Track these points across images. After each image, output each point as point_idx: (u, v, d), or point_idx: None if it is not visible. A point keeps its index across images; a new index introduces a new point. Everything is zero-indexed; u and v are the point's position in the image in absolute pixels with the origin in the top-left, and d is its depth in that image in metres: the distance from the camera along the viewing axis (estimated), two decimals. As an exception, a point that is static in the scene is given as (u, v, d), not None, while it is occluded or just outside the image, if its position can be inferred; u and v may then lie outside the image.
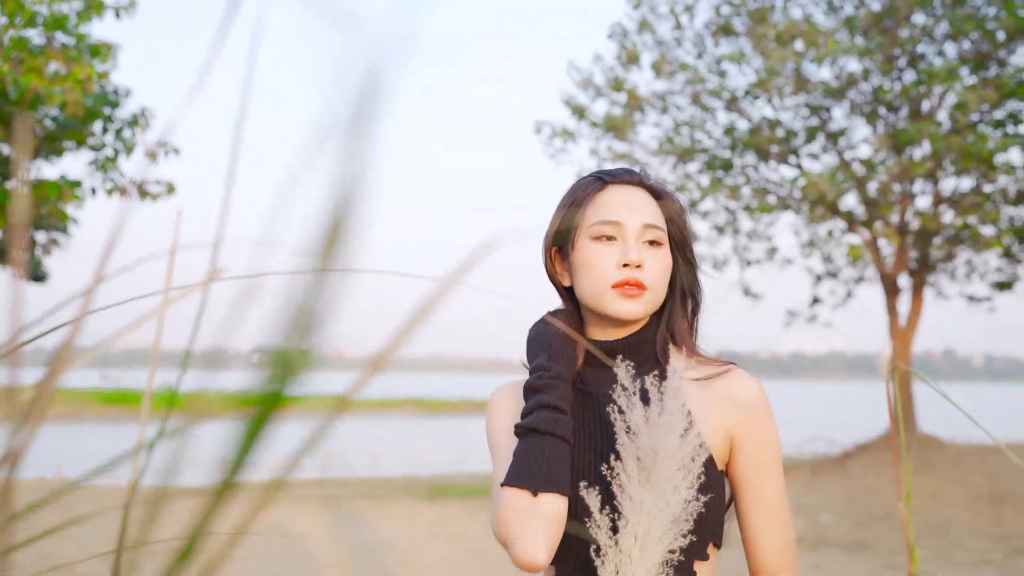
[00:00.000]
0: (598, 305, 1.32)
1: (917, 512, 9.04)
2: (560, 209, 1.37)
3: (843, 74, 12.97)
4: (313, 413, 0.43)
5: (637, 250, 1.30)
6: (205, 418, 0.45)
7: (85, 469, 11.50)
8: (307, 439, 0.42)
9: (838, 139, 13.67)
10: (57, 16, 9.49)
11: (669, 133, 13.54)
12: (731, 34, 13.30)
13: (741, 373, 1.35)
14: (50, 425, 23.20)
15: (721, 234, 14.39)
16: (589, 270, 1.31)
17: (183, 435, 0.45)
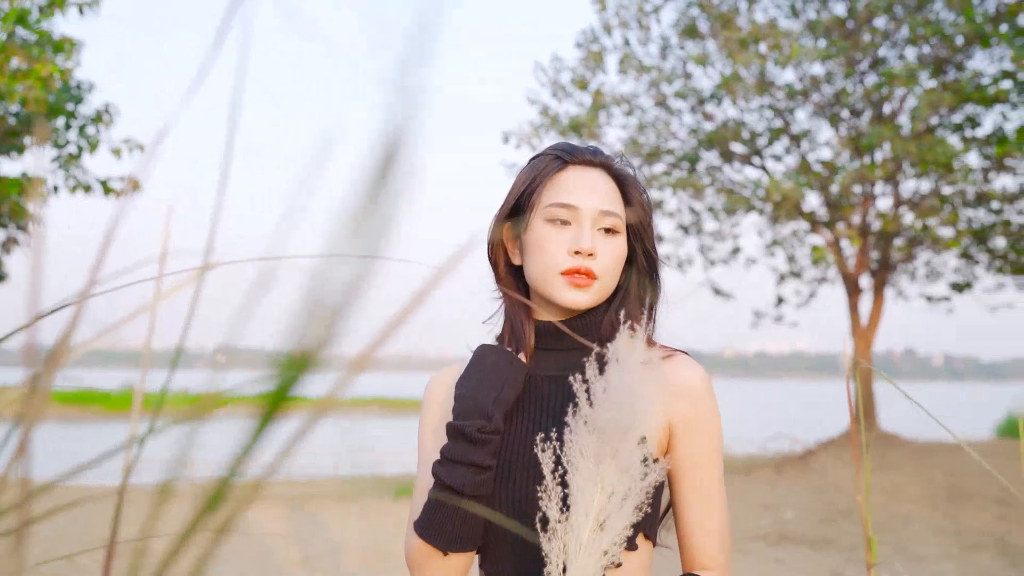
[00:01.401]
0: (545, 290, 1.28)
1: (877, 508, 9.19)
2: (517, 185, 1.32)
3: (806, 76, 13.15)
4: (295, 414, 0.45)
5: (591, 237, 1.25)
6: (196, 418, 0.47)
7: (54, 470, 11.36)
8: (289, 440, 0.44)
9: (801, 141, 13.85)
10: (19, 11, 9.36)
11: (634, 134, 13.64)
12: (696, 36, 13.42)
13: (685, 359, 1.30)
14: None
15: (686, 234, 14.52)
16: (540, 253, 1.27)
17: (171, 434, 0.47)
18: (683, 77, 13.62)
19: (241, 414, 0.45)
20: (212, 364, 0.48)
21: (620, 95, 13.61)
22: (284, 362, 0.41)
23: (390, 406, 40.61)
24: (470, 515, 1.21)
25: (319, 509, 9.25)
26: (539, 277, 1.28)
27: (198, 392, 0.45)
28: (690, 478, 1.27)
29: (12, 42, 9.33)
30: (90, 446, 19.52)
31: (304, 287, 0.42)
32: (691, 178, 13.35)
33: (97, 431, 25.35)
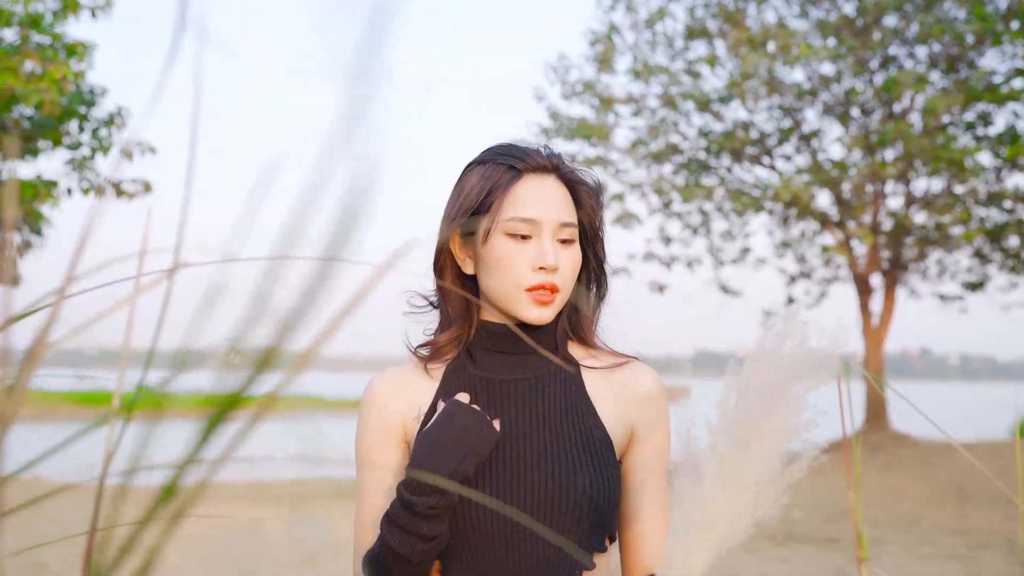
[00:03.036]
0: (508, 306, 1.27)
1: (885, 507, 9.19)
2: (469, 193, 1.28)
3: (815, 76, 13.14)
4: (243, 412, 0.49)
5: (553, 252, 1.25)
6: (165, 417, 0.50)
7: (63, 469, 11.47)
8: (235, 437, 0.47)
9: (811, 140, 13.83)
10: (32, 15, 9.48)
11: (643, 135, 13.65)
12: (705, 36, 13.42)
13: (641, 366, 1.34)
14: (25, 425, 23.09)
15: (695, 235, 14.52)
16: (502, 269, 1.25)
17: (147, 433, 0.50)
18: (691, 77, 13.63)
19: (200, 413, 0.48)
20: (224, 364, 0.50)
21: (628, 95, 13.63)
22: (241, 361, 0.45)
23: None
24: (424, 570, 1.19)
25: (318, 508, 9.32)
26: (501, 292, 1.26)
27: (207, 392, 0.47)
28: (645, 483, 1.30)
29: (27, 46, 9.44)
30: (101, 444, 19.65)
31: (255, 288, 0.46)
32: (699, 183, 13.35)
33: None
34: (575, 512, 1.23)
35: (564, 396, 1.30)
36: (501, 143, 1.34)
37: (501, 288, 1.26)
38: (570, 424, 1.28)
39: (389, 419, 1.30)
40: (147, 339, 0.59)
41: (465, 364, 1.31)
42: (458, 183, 1.32)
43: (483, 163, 1.31)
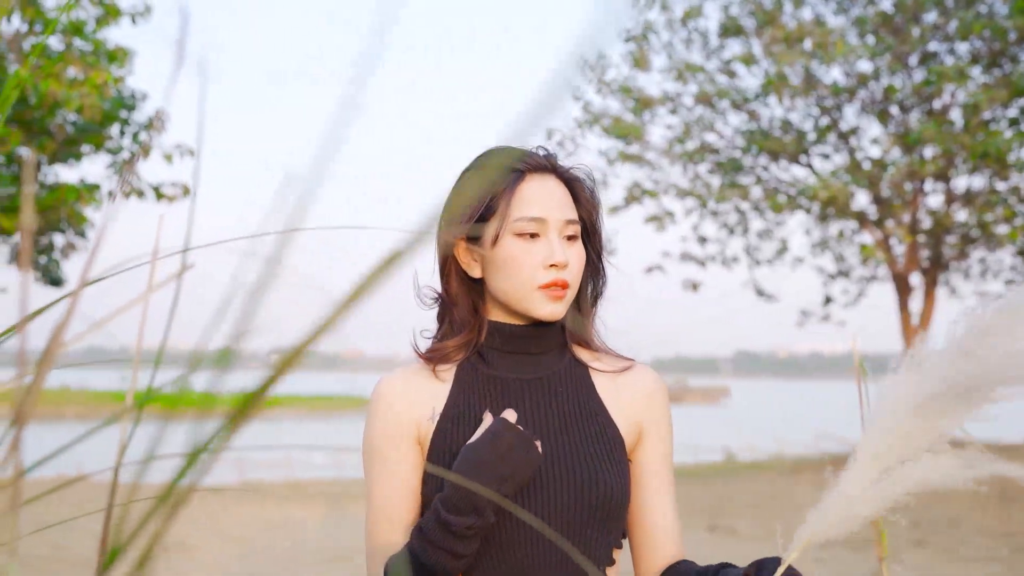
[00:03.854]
0: (521, 305, 1.29)
1: (924, 509, 9.08)
2: (469, 197, 1.30)
3: (853, 73, 13.00)
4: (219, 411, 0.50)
5: (562, 249, 1.28)
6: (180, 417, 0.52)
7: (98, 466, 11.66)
8: (218, 436, 0.49)
9: (849, 138, 13.69)
10: (75, 22, 9.67)
11: (679, 134, 13.59)
12: (740, 35, 13.34)
13: (646, 367, 1.39)
14: (70, 424, 23.52)
15: (731, 234, 14.43)
16: (514, 269, 1.27)
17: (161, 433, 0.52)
18: (727, 75, 13.55)
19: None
20: (264, 364, 0.51)
21: (663, 94, 13.58)
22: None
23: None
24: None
25: (354, 507, 9.39)
26: (513, 292, 1.28)
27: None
28: (658, 479, 1.35)
29: (70, 52, 9.64)
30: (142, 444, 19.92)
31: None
32: (735, 183, 13.27)
33: (147, 429, 25.83)
34: (598, 510, 1.25)
35: (576, 395, 1.33)
36: (494, 147, 1.36)
37: (513, 288, 1.28)
38: (585, 423, 1.31)
39: (401, 419, 1.30)
40: (188, 338, 0.61)
41: (477, 364, 1.32)
42: (456, 190, 1.33)
43: (481, 168, 1.33)
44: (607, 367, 1.37)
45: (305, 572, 6.45)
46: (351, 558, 6.77)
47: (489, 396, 1.30)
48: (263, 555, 6.97)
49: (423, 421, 1.30)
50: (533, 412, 1.30)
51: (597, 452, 1.29)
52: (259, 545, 7.36)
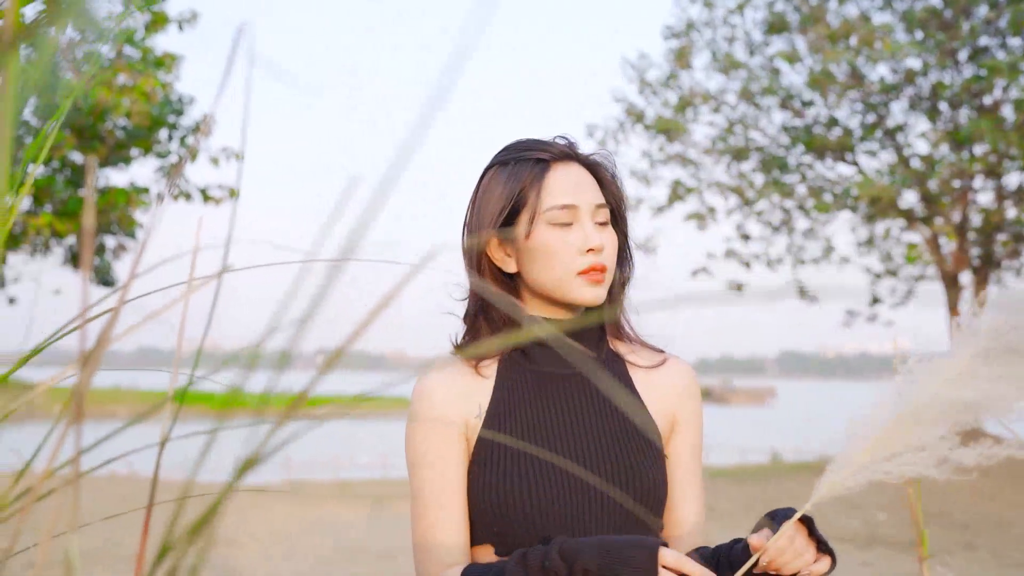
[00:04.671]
0: (561, 292, 1.29)
1: (971, 511, 8.92)
2: (502, 194, 1.30)
3: (900, 69, 12.80)
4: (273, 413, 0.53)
5: (596, 234, 1.29)
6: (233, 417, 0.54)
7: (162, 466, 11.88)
8: (266, 438, 0.51)
9: (896, 135, 13.49)
10: (125, 30, 9.88)
11: (722, 132, 13.50)
12: (785, 31, 13.21)
13: (679, 360, 1.40)
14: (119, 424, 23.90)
15: (775, 232, 14.29)
16: (551, 258, 1.27)
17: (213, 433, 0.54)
18: (770, 73, 13.43)
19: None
20: (313, 365, 0.53)
21: (707, 92, 13.50)
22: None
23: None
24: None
25: (400, 507, 9.47)
26: (552, 281, 1.28)
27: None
28: (687, 471, 1.37)
29: (120, 59, 9.85)
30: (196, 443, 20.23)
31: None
32: (778, 181, 13.14)
33: (198, 428, 26.22)
34: (646, 505, 1.28)
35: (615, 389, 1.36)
36: (513, 141, 1.36)
37: (552, 277, 1.28)
38: (625, 418, 1.32)
39: (448, 416, 1.29)
40: (237, 338, 0.63)
41: (519, 360, 1.33)
42: (482, 188, 1.34)
43: (504, 163, 1.33)
44: (643, 361, 1.38)
45: (349, 571, 6.52)
46: (395, 557, 6.84)
47: (533, 392, 1.31)
48: (308, 554, 7.06)
49: (470, 418, 1.30)
50: (575, 407, 1.31)
51: (638, 447, 1.30)
52: (304, 544, 7.46)
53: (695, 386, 1.40)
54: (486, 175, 1.35)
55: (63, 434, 0.56)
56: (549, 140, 1.34)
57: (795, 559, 1.16)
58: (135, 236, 11.21)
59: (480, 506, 1.26)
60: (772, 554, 1.14)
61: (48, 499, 0.63)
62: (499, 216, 1.30)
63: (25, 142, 9.93)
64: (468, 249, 1.34)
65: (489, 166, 1.35)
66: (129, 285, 0.60)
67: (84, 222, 0.59)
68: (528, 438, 1.28)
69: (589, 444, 1.29)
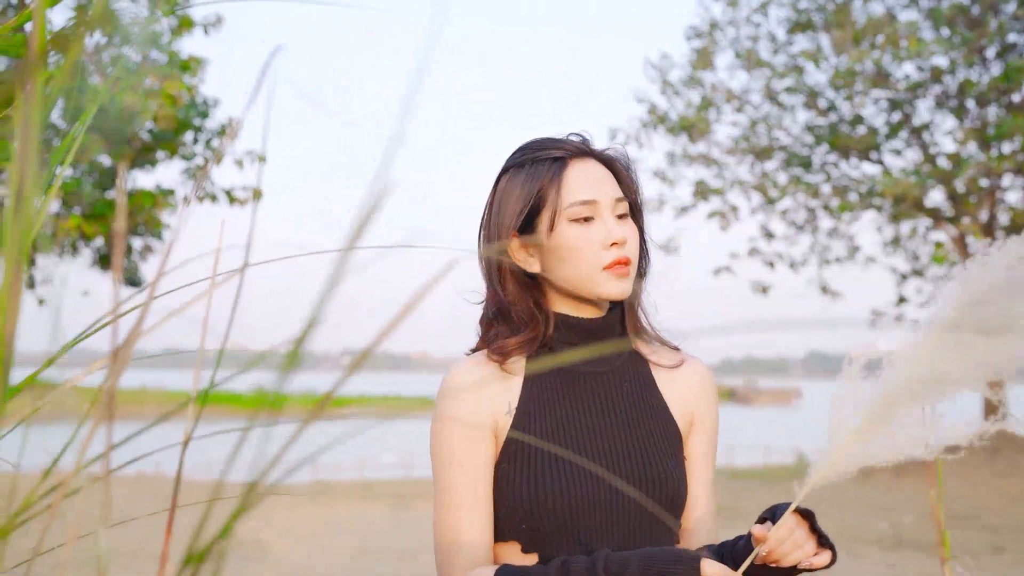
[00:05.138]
0: (588, 288, 1.29)
1: (1002, 514, 8.82)
2: (520, 195, 1.30)
3: (927, 66, 12.68)
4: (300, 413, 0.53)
5: (619, 227, 1.29)
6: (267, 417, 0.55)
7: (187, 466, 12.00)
8: (292, 439, 0.52)
9: (922, 134, 13.36)
10: (151, 34, 9.99)
11: (745, 131, 13.43)
12: (809, 30, 13.12)
13: (698, 361, 1.41)
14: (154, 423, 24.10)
15: (799, 232, 14.19)
16: (575, 255, 1.28)
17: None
18: (794, 72, 13.34)
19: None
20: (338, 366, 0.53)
21: (730, 91, 13.44)
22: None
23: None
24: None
25: (422, 506, 9.49)
26: (578, 278, 1.28)
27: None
28: (701, 469, 1.37)
29: (146, 63, 9.96)
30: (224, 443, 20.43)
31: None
32: (801, 180, 13.06)
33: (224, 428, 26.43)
34: (665, 504, 1.28)
35: (639, 389, 1.35)
36: (526, 143, 1.35)
37: (577, 273, 1.28)
38: (650, 417, 1.33)
39: (478, 412, 1.29)
40: (262, 338, 0.64)
41: (547, 357, 1.32)
42: (499, 192, 1.34)
43: (520, 165, 1.33)
44: (663, 360, 1.38)
45: (372, 570, 6.55)
46: (417, 557, 6.86)
47: (561, 390, 1.31)
48: (332, 553, 7.10)
49: (500, 416, 1.29)
50: (603, 406, 1.32)
51: (662, 447, 1.31)
52: (328, 543, 7.50)
53: (712, 387, 1.41)
54: (501, 179, 1.35)
55: (91, 432, 0.57)
56: (563, 138, 1.34)
57: (795, 550, 1.15)
58: (162, 237, 11.31)
59: (509, 503, 1.25)
60: (772, 544, 1.13)
61: (76, 497, 0.64)
62: (519, 217, 1.30)
63: (54, 145, 10.04)
64: (487, 252, 1.34)
65: (504, 170, 1.35)
66: (156, 284, 0.62)
67: (115, 225, 0.60)
68: (557, 436, 1.28)
69: (617, 443, 1.29)
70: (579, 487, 1.25)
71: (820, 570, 1.20)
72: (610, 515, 1.25)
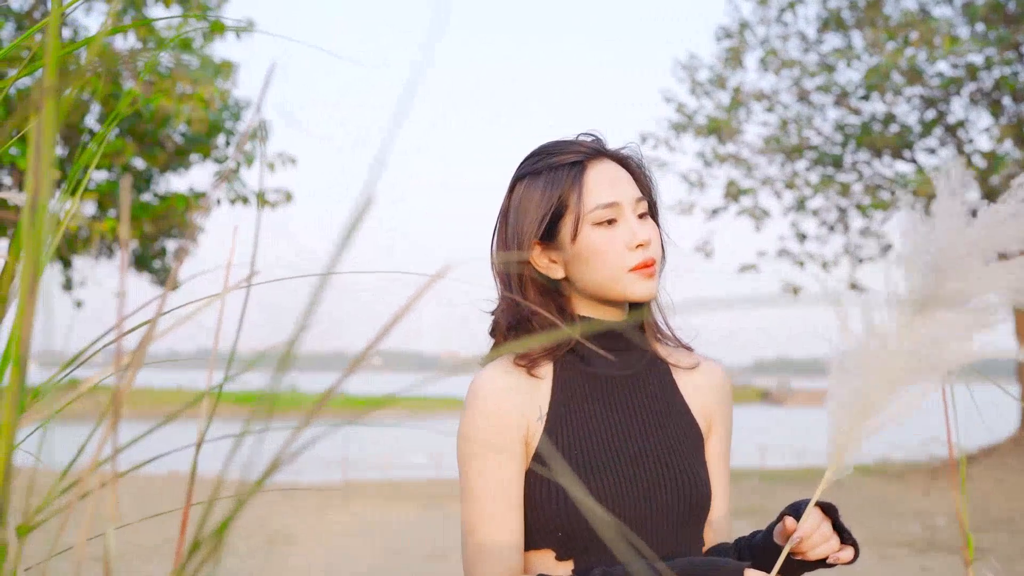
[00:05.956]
0: (614, 291, 1.28)
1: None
2: (540, 202, 1.29)
3: (961, 63, 12.52)
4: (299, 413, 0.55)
5: (642, 228, 1.28)
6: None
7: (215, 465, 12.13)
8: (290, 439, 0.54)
9: (957, 131, 13.19)
10: (184, 39, 10.11)
11: (776, 131, 13.34)
12: (841, 28, 13.00)
13: (714, 362, 1.41)
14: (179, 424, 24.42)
15: (831, 232, 14.06)
16: (601, 259, 1.27)
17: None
18: (825, 70, 13.22)
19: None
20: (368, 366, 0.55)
21: (760, 91, 13.35)
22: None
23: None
24: None
25: (451, 507, 9.52)
26: (604, 281, 1.28)
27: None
28: (719, 471, 1.37)
29: (179, 68, 10.08)
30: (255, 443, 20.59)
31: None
32: (832, 179, 12.94)
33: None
34: (695, 508, 1.28)
35: (663, 392, 1.35)
36: (536, 148, 1.34)
37: (604, 277, 1.28)
38: (675, 420, 1.33)
39: (509, 418, 1.27)
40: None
41: (574, 362, 1.32)
42: (515, 201, 1.32)
43: (536, 172, 1.31)
44: (681, 362, 1.38)
45: (401, 570, 6.59)
46: (446, 557, 6.89)
47: (590, 394, 1.30)
48: (361, 553, 7.15)
49: (531, 421, 1.28)
50: (631, 410, 1.31)
51: (689, 450, 1.31)
52: (358, 543, 7.55)
53: (728, 388, 1.41)
54: (516, 187, 1.33)
55: (107, 432, 0.59)
56: (575, 140, 1.33)
57: (822, 543, 1.16)
58: (195, 239, 11.43)
59: (543, 511, 1.24)
60: (800, 534, 1.14)
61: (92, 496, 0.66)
62: (540, 224, 1.29)
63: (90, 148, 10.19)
64: (505, 261, 1.33)
65: (519, 177, 1.34)
66: (167, 291, 0.64)
67: (121, 233, 0.62)
68: (589, 441, 1.27)
69: (647, 446, 1.29)
70: (615, 492, 1.24)
71: (844, 566, 1.21)
72: (644, 520, 1.25)
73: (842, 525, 1.20)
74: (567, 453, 1.26)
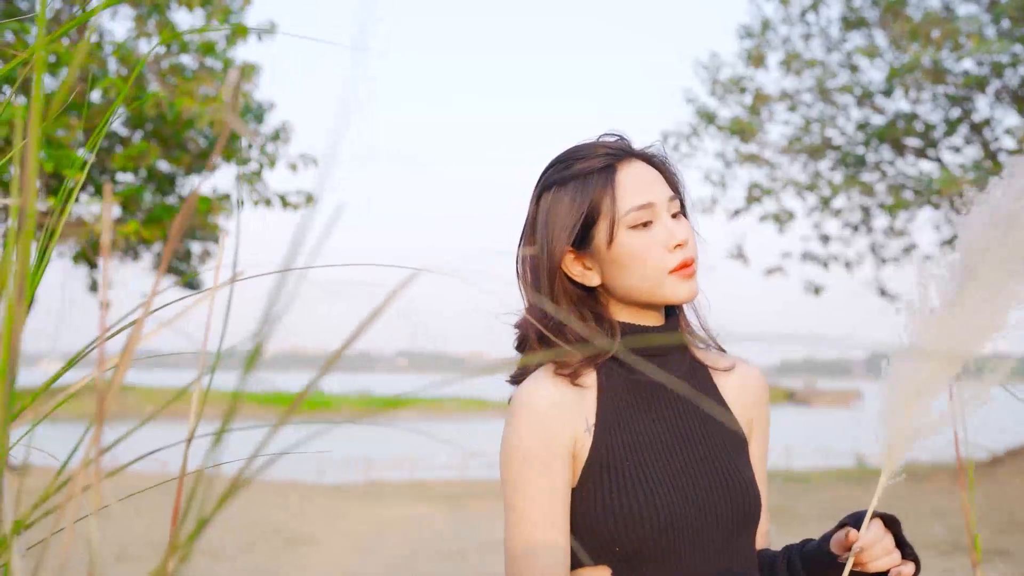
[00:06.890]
0: (655, 294, 1.25)
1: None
2: (571, 208, 1.25)
3: (987, 61, 12.38)
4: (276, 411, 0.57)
5: (679, 228, 1.25)
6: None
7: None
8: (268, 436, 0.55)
9: (982, 130, 13.05)
10: (207, 42, 10.21)
11: (798, 131, 13.26)
12: (863, 27, 12.90)
13: (750, 364, 1.39)
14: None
15: (855, 232, 13.94)
16: (639, 263, 1.23)
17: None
18: (848, 69, 13.12)
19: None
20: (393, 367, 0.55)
21: (783, 91, 13.28)
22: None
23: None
24: None
25: (473, 507, 9.53)
26: (644, 285, 1.24)
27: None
28: (759, 471, 1.34)
29: (202, 70, 10.18)
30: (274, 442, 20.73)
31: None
32: (856, 178, 12.85)
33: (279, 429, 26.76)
34: (747, 515, 1.25)
35: (706, 396, 1.33)
36: (559, 154, 1.30)
37: (643, 280, 1.24)
38: (720, 425, 1.30)
39: (559, 430, 1.22)
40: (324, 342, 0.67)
41: (617, 369, 1.28)
42: (543, 209, 1.28)
43: (563, 179, 1.27)
44: (718, 364, 1.36)
45: (422, 569, 6.61)
46: (467, 557, 6.90)
47: (636, 403, 1.27)
48: (383, 552, 7.18)
49: (580, 434, 1.23)
50: (680, 417, 1.28)
51: (736, 456, 1.28)
52: (379, 542, 7.58)
53: (766, 390, 1.38)
54: (543, 196, 1.29)
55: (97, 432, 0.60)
56: (598, 142, 1.29)
57: (884, 555, 1.15)
58: (217, 241, 11.51)
59: (597, 526, 1.20)
60: (863, 544, 1.13)
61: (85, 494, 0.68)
62: (572, 231, 1.25)
63: (116, 152, 10.25)
64: (536, 271, 1.28)
65: (546, 187, 1.29)
66: (153, 295, 0.65)
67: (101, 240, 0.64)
68: (639, 451, 1.23)
69: (697, 454, 1.26)
70: (672, 503, 1.20)
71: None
72: (701, 530, 1.21)
73: (904, 539, 1.17)
74: (619, 466, 1.21)
